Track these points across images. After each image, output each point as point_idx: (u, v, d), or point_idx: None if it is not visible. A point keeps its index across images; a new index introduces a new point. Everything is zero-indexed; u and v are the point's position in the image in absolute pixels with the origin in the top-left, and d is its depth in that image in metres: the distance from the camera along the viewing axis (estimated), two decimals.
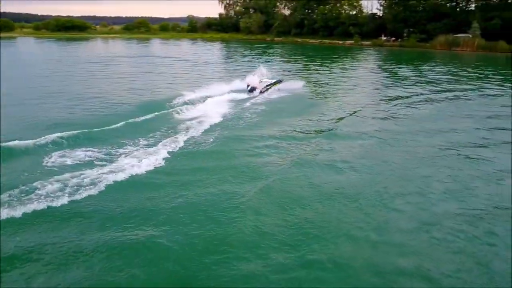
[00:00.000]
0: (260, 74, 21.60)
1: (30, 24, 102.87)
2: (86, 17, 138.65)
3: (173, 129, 13.25)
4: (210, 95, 18.64)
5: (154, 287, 5.80)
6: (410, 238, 7.14)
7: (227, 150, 11.52)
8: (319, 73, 30.80)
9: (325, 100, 19.80)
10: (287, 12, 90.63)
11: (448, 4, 66.68)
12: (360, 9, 76.58)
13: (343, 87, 24.18)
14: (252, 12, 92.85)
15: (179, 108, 15.97)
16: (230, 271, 6.07)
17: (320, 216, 7.80)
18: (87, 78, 25.27)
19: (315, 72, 30.90)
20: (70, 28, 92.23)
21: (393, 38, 67.50)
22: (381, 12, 74.75)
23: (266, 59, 41.94)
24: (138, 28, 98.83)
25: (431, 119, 15.94)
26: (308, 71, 31.39)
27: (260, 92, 19.95)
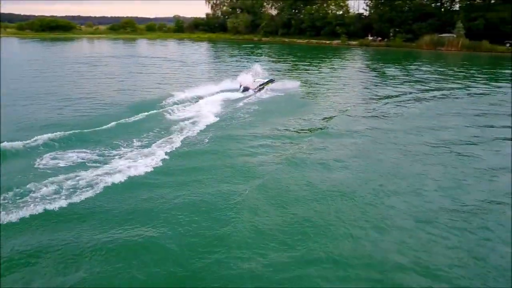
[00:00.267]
0: (255, 73, 21.61)
1: (13, 24, 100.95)
2: (70, 17, 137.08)
3: (166, 130, 13.14)
4: (202, 95, 18.58)
5: (153, 287, 5.76)
6: (407, 235, 7.22)
7: (222, 150, 11.49)
8: (309, 72, 30.93)
9: (317, 100, 19.90)
10: (274, 12, 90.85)
11: (433, 5, 67.70)
12: (347, 9, 77.19)
13: (333, 86, 24.33)
14: (239, 12, 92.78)
15: (170, 108, 15.88)
16: (229, 271, 6.07)
17: (316, 214, 7.84)
18: (76, 79, 24.91)
19: (304, 72, 31.02)
20: (55, 28, 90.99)
21: (380, 38, 68.19)
22: (367, 12, 75.61)
23: (255, 59, 41.92)
24: (124, 28, 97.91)
25: (421, 118, 16.14)
26: (298, 71, 31.50)
27: (254, 92, 19.95)
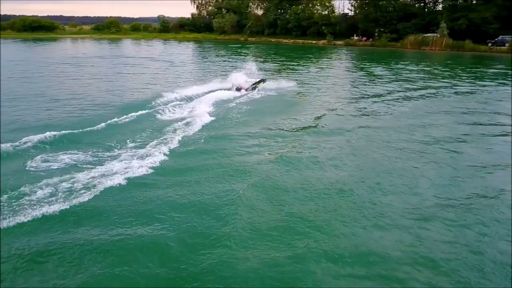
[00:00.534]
0: (249, 73, 21.64)
1: None
2: (52, 16, 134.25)
3: (159, 130, 13.02)
4: (193, 95, 18.51)
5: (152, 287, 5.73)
6: (404, 231, 7.28)
7: (217, 149, 11.45)
8: (298, 72, 31.03)
9: (307, 99, 19.98)
10: (260, 12, 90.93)
11: (417, 5, 68.70)
12: (332, 9, 77.63)
13: (323, 85, 24.46)
14: (224, 12, 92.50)
15: (162, 109, 15.76)
16: (229, 270, 6.06)
17: (313, 211, 7.88)
18: (63, 80, 24.48)
19: (293, 72, 31.12)
20: (37, 28, 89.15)
21: (365, 38, 68.86)
22: (352, 12, 76.21)
23: (243, 58, 41.89)
24: (109, 28, 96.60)
25: (410, 116, 16.35)
26: (287, 71, 31.59)
27: (246, 91, 19.95)
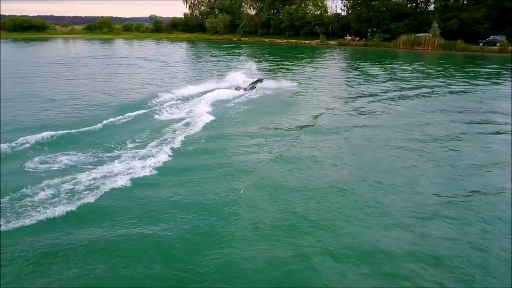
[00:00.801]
0: (249, 72, 21.67)
1: None
2: (42, 16, 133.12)
3: (158, 131, 12.97)
4: (190, 95, 18.47)
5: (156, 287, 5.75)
6: (407, 228, 7.37)
7: (217, 149, 11.45)
8: (293, 72, 31.09)
9: (304, 98, 20.04)
10: (252, 12, 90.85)
11: (409, 5, 69.21)
12: (325, 9, 77.88)
13: (319, 85, 24.55)
14: (217, 12, 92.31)
15: (159, 109, 15.71)
16: (233, 268, 6.10)
17: (313, 209, 7.95)
18: (57, 80, 24.27)
19: (289, 72, 31.16)
20: (28, 28, 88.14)
21: (358, 38, 69.20)
22: (345, 12, 76.55)
23: (238, 58, 41.90)
24: (101, 28, 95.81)
25: (407, 115, 16.47)
26: (282, 71, 31.62)
27: (245, 91, 19.98)
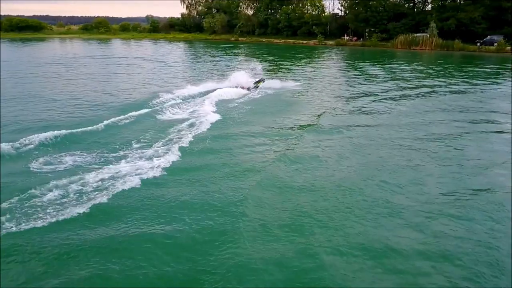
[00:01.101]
0: (253, 73, 21.71)
1: None
2: (38, 16, 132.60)
3: (162, 131, 12.92)
4: (191, 94, 18.48)
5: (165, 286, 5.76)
6: (415, 226, 7.39)
7: (223, 149, 11.46)
8: (293, 72, 31.15)
9: (306, 98, 20.08)
10: (250, 12, 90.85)
11: (407, 5, 69.43)
12: (323, 9, 78.01)
13: (319, 85, 24.62)
14: (215, 12, 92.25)
15: (161, 109, 15.70)
16: (241, 266, 6.12)
17: (321, 207, 7.99)
18: (57, 80, 24.18)
19: (289, 72, 31.21)
20: (24, 28, 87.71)
21: (355, 38, 69.37)
22: (342, 12, 76.63)
23: (237, 58, 41.92)
24: (98, 28, 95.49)
25: (409, 114, 16.53)
26: (282, 71, 31.64)
27: (249, 90, 20.07)
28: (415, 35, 59.19)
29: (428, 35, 57.23)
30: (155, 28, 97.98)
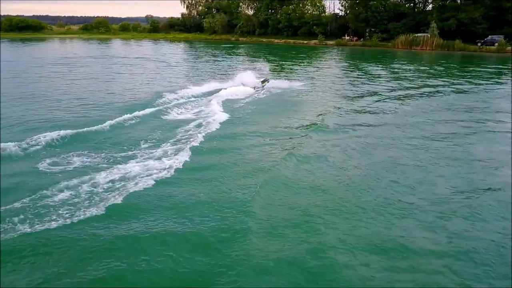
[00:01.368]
0: (261, 72, 21.74)
1: None
2: (38, 16, 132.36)
3: (170, 130, 12.94)
4: (196, 94, 18.48)
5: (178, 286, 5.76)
6: (426, 226, 7.40)
7: (231, 148, 11.50)
8: (296, 72, 31.15)
9: (310, 98, 20.08)
10: (250, 12, 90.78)
11: (407, 5, 69.44)
12: (323, 9, 78.01)
13: (322, 85, 24.63)
14: (215, 12, 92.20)
15: (166, 109, 15.71)
16: (252, 267, 6.09)
17: (331, 207, 7.99)
18: (60, 80, 24.10)
19: (291, 71, 31.23)
20: (24, 28, 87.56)
21: (356, 38, 69.38)
22: (343, 12, 76.60)
23: (238, 58, 41.89)
24: (98, 28, 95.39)
25: (414, 113, 16.55)
26: (285, 71, 31.65)
27: (255, 90, 20.10)
28: (416, 35, 59.19)
29: (429, 35, 57.23)
30: (155, 28, 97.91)
